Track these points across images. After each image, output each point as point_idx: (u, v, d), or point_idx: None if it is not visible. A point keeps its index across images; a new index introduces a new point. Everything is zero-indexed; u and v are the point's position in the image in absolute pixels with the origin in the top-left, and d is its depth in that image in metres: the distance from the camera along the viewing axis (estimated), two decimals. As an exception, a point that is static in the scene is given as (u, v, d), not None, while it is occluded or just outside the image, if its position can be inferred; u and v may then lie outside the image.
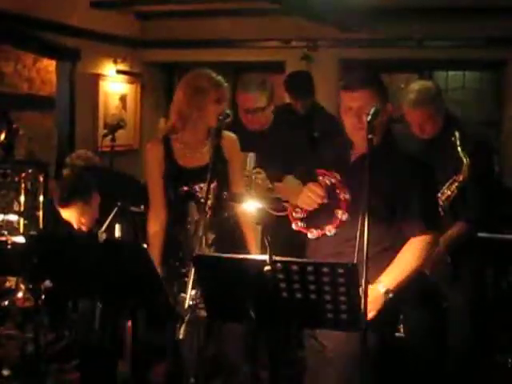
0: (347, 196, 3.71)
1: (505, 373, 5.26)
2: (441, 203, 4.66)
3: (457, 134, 4.65)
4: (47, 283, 4.68)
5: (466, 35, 7.72)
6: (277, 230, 3.55)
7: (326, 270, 3.04)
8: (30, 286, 4.93)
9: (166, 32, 9.06)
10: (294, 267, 3.08)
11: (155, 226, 4.43)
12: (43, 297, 4.93)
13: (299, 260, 3.15)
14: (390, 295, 3.58)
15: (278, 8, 7.12)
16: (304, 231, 3.84)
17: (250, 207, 3.34)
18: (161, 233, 4.41)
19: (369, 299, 3.32)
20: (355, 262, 3.19)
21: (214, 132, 4.07)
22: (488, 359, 5.37)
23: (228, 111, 4.14)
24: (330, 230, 3.74)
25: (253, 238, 4.45)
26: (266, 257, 3.08)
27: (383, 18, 7.80)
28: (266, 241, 3.13)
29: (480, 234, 4.68)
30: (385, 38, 8.06)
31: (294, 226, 3.87)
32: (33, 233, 4.45)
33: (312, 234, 3.81)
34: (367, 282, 3.14)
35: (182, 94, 4.28)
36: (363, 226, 3.21)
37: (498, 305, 5.07)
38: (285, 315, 3.21)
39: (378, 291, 3.56)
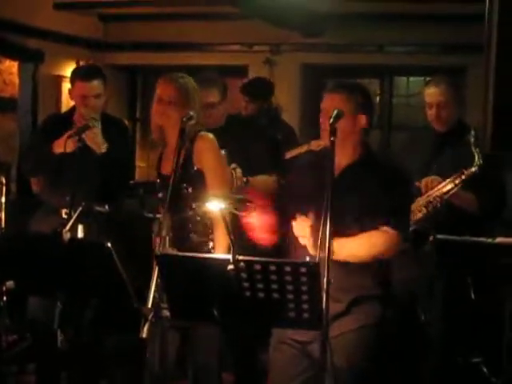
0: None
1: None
2: (439, 196, 4.63)
3: (473, 132, 4.60)
4: (9, 284, 4.65)
5: (427, 41, 7.82)
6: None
7: (288, 269, 3.07)
8: (-8, 287, 4.90)
9: (129, 35, 9.06)
10: (257, 266, 3.11)
11: None
12: (5, 298, 4.91)
13: (262, 259, 3.16)
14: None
15: (240, 12, 7.15)
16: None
17: (213, 207, 3.36)
18: None
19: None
20: (317, 260, 3.23)
21: (179, 135, 3.97)
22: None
23: (192, 113, 4.12)
24: None
25: (220, 237, 4.19)
26: (229, 256, 3.11)
27: (345, 24, 7.88)
28: (230, 239, 3.17)
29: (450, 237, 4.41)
30: (347, 44, 8.13)
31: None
32: (-6, 234, 4.42)
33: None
34: (329, 282, 3.18)
35: None
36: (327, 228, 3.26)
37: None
38: (248, 314, 3.24)
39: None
